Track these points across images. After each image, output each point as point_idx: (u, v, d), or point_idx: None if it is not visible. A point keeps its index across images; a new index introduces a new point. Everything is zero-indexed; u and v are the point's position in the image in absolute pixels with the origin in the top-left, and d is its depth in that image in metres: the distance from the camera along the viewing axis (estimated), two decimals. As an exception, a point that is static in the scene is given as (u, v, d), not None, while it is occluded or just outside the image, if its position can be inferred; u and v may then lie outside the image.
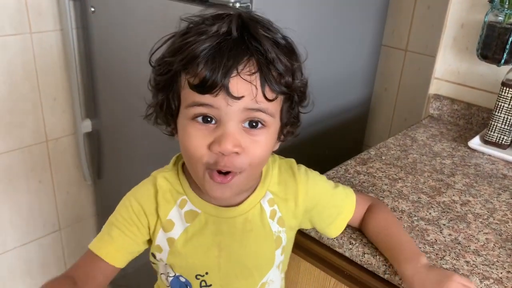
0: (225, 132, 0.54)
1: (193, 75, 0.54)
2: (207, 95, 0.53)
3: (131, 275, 1.61)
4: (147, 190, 0.66)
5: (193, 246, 0.65)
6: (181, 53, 0.55)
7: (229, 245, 0.66)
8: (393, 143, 1.09)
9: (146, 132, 1.29)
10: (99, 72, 1.41)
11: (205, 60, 0.53)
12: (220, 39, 0.54)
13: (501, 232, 0.79)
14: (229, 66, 0.52)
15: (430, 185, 0.92)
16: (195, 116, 0.56)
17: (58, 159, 1.54)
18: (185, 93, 0.56)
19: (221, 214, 0.65)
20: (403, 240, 0.69)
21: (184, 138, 0.57)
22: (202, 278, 0.66)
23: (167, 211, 0.64)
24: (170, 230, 0.64)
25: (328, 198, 0.72)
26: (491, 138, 1.08)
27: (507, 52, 1.04)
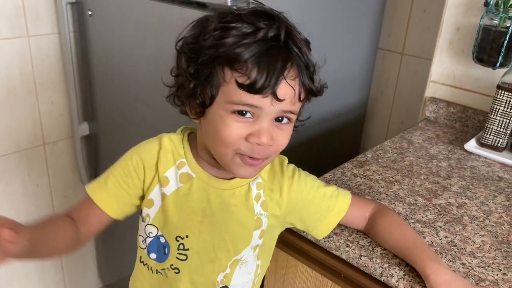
0: (263, 127, 0.60)
1: (243, 75, 0.57)
2: (256, 96, 0.57)
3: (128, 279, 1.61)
4: (151, 146, 0.70)
5: (181, 206, 0.69)
6: (228, 51, 0.57)
7: (213, 214, 0.69)
8: (390, 145, 1.10)
9: (144, 135, 1.29)
10: (96, 75, 1.41)
11: (257, 64, 0.56)
12: (269, 44, 0.57)
13: (497, 234, 0.79)
14: (279, 72, 0.57)
15: (426, 187, 0.92)
16: (237, 111, 0.59)
17: (56, 162, 1.54)
18: (230, 89, 0.58)
19: (212, 184, 0.69)
20: (421, 240, 0.72)
21: (220, 126, 0.60)
22: (181, 241, 0.70)
23: (166, 169, 0.68)
24: (165, 185, 0.68)
25: (315, 194, 0.73)
26: (487, 141, 1.08)
27: (502, 55, 1.04)
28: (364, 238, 0.76)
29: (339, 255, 0.76)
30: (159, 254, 0.73)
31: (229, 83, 0.58)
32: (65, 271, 1.71)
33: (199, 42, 0.60)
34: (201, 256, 0.72)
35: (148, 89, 1.22)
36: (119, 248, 1.61)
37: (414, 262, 0.68)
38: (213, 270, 0.73)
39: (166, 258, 0.72)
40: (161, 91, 1.17)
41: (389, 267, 0.70)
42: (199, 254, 0.71)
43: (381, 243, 0.74)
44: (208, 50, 0.58)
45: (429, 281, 0.65)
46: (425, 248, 0.69)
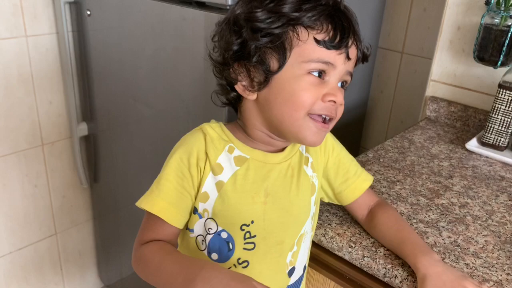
0: (336, 87, 0.62)
1: (321, 32, 0.59)
2: (334, 51, 0.59)
3: (128, 279, 1.60)
4: (196, 136, 0.67)
5: (242, 191, 0.65)
6: (297, 12, 0.58)
7: (275, 191, 0.67)
8: (391, 145, 1.09)
9: (143, 135, 1.29)
10: (95, 76, 1.40)
11: (332, 21, 0.59)
12: (333, 8, 0.60)
13: (500, 234, 0.79)
14: (350, 30, 0.60)
15: (428, 187, 0.92)
16: (313, 70, 0.60)
17: (54, 163, 1.53)
18: (307, 48, 0.59)
19: (268, 160, 0.67)
20: (415, 235, 0.72)
21: (295, 89, 0.60)
22: (247, 229, 0.66)
23: (217, 156, 0.65)
24: (219, 173, 0.65)
25: (345, 155, 0.77)
26: (488, 140, 1.08)
27: (503, 54, 1.04)
28: (367, 238, 0.76)
29: (342, 255, 0.75)
30: (221, 253, 0.67)
31: (306, 42, 0.59)
32: (64, 272, 1.70)
33: (255, 11, 0.60)
34: (269, 240, 0.68)
35: (147, 89, 1.21)
36: (118, 248, 1.60)
37: (407, 257, 0.69)
38: (282, 252, 0.70)
39: (231, 254, 0.67)
40: (160, 90, 1.17)
41: (393, 268, 0.69)
42: (266, 239, 0.67)
43: (377, 237, 0.75)
44: (272, 16, 0.59)
45: (418, 275, 0.65)
46: (418, 243, 0.70)
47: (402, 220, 0.75)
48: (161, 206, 0.64)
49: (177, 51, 1.07)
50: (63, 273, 1.70)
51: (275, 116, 0.63)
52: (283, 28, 0.59)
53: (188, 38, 1.03)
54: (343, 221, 0.80)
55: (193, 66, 1.04)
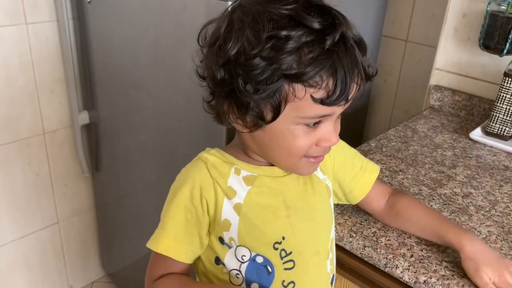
0: (332, 129, 0.58)
1: (319, 89, 0.52)
2: (334, 106, 0.54)
3: (130, 268, 1.61)
4: (196, 166, 0.63)
5: (261, 208, 0.63)
6: (298, 67, 0.51)
7: (295, 202, 0.65)
8: (394, 134, 1.08)
9: (144, 124, 1.28)
10: (96, 63, 1.39)
11: (334, 75, 0.52)
12: (339, 49, 0.52)
13: (503, 224, 0.78)
14: (352, 76, 0.53)
15: (431, 177, 0.91)
16: (309, 123, 0.56)
17: (56, 151, 1.53)
18: (303, 105, 0.54)
19: (277, 173, 0.65)
20: (446, 217, 0.73)
21: (288, 139, 0.58)
22: (280, 247, 0.63)
23: (225, 179, 0.62)
24: (233, 196, 0.62)
25: (348, 150, 0.75)
26: (493, 130, 1.07)
27: (509, 42, 1.02)
28: (368, 228, 0.75)
29: (343, 245, 0.75)
30: (261, 279, 0.63)
31: (302, 99, 0.53)
32: (67, 260, 1.71)
33: (253, 54, 0.52)
34: (305, 254, 0.65)
35: (148, 77, 1.20)
36: (121, 237, 1.61)
37: (446, 235, 0.68)
38: (321, 263, 0.67)
39: (272, 279, 0.64)
40: (161, 79, 1.16)
41: (394, 258, 0.69)
42: (302, 253, 0.65)
43: (403, 222, 0.74)
44: (269, 67, 0.52)
45: (464, 250, 0.66)
46: (453, 223, 0.71)
47: (424, 204, 0.76)
48: (167, 244, 0.62)
49: (178, 39, 1.06)
50: (66, 261, 1.71)
51: (270, 156, 0.62)
52: (279, 83, 0.53)
53: (188, 26, 1.02)
54: (344, 210, 0.79)
55: (194, 54, 1.03)
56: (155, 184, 1.33)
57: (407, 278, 0.67)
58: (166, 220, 0.62)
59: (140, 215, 1.45)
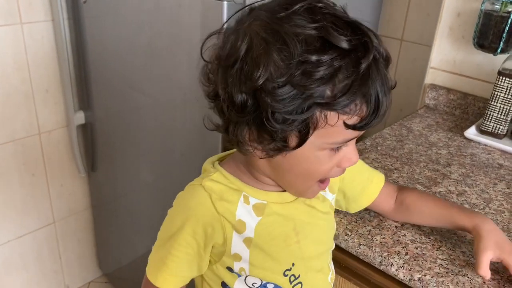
0: (352, 150, 0.56)
1: (353, 116, 0.50)
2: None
3: (127, 267, 1.61)
4: (199, 199, 0.59)
5: (272, 238, 0.61)
6: (332, 96, 0.48)
7: (304, 227, 0.64)
8: (389, 133, 1.09)
9: (140, 123, 1.28)
10: (91, 63, 1.39)
11: (367, 101, 0.49)
12: (372, 72, 0.49)
13: (497, 222, 0.79)
14: (385, 97, 0.51)
15: (426, 175, 0.91)
16: (334, 147, 0.54)
17: (52, 151, 1.52)
18: (334, 131, 0.51)
19: (286, 199, 0.62)
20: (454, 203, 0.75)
21: (312, 164, 0.55)
22: (290, 273, 0.63)
23: (233, 212, 0.59)
24: (243, 230, 0.59)
25: (360, 167, 0.73)
26: (487, 128, 1.07)
27: (503, 41, 1.03)
28: (363, 226, 0.75)
29: (338, 243, 0.75)
30: None
31: (333, 125, 0.50)
32: (63, 260, 1.71)
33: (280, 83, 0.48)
34: (311, 274, 0.66)
35: (144, 77, 1.20)
36: (117, 237, 1.61)
37: (459, 220, 0.69)
38: (324, 277, 0.69)
39: None
40: (157, 78, 1.16)
41: (389, 256, 0.69)
42: (308, 273, 0.65)
43: (415, 216, 0.74)
44: (300, 95, 0.48)
45: (478, 230, 0.66)
46: (463, 206, 0.73)
47: (431, 195, 0.78)
48: (168, 280, 0.61)
49: (173, 38, 1.06)
50: (62, 261, 1.70)
51: (286, 181, 0.59)
52: (310, 112, 0.49)
53: (184, 25, 1.02)
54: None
55: (190, 54, 1.03)
56: (152, 184, 1.33)
57: (402, 275, 0.67)
58: (168, 256, 0.60)
59: (137, 214, 1.45)
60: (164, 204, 1.31)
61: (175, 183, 1.22)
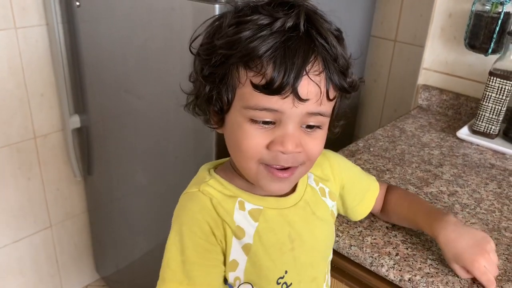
0: (286, 133, 0.53)
1: (258, 75, 0.50)
2: (275, 97, 0.50)
3: (124, 271, 1.61)
4: (199, 202, 0.58)
5: (269, 246, 0.60)
6: (242, 47, 0.50)
7: (299, 234, 0.62)
8: (382, 134, 1.09)
9: (135, 126, 1.28)
10: (86, 67, 1.39)
11: (274, 59, 0.49)
12: (287, 35, 0.50)
13: (487, 222, 0.79)
14: (299, 66, 0.50)
15: (418, 176, 0.92)
16: (255, 118, 0.53)
17: (47, 155, 1.53)
18: (246, 92, 0.52)
19: (282, 205, 0.62)
20: (426, 205, 0.72)
21: (238, 136, 0.54)
22: (282, 281, 0.61)
23: (232, 218, 0.58)
24: (243, 236, 0.58)
25: (355, 173, 0.74)
26: (479, 128, 1.08)
27: (494, 41, 1.03)
28: (354, 227, 0.76)
29: (330, 245, 0.75)
30: None
31: (244, 84, 0.51)
32: (60, 264, 1.71)
33: (213, 41, 0.53)
34: (304, 282, 0.64)
35: (138, 80, 1.20)
36: (114, 240, 1.61)
37: (424, 228, 0.69)
38: (318, 286, 0.67)
39: None
40: (151, 82, 1.16)
41: (379, 257, 0.70)
42: (301, 282, 0.64)
43: (393, 219, 0.75)
44: (222, 49, 0.52)
45: (438, 241, 0.66)
46: (431, 212, 0.69)
47: (411, 195, 0.76)
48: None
49: (166, 41, 1.07)
50: (59, 265, 1.71)
51: (233, 160, 0.59)
52: (224, 67, 0.52)
53: (176, 28, 1.02)
54: (331, 210, 0.80)
55: (183, 57, 1.03)
56: (147, 186, 1.33)
57: (392, 276, 0.68)
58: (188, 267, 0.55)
59: (133, 217, 1.45)
60: (159, 207, 1.32)
61: (170, 186, 1.23)
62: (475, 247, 0.63)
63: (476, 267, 0.62)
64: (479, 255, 0.62)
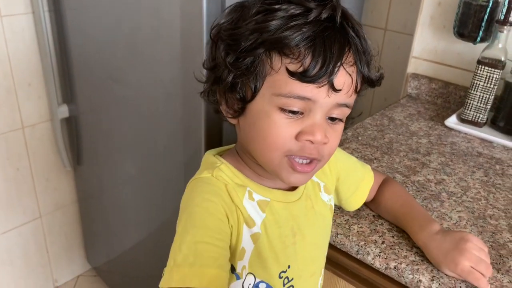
0: (315, 123, 0.52)
1: (296, 61, 0.50)
2: (310, 85, 0.50)
3: (116, 261, 1.61)
4: (215, 187, 0.57)
5: (274, 238, 0.60)
6: (275, 34, 0.49)
7: (301, 228, 0.63)
8: (370, 123, 1.09)
9: (124, 116, 1.27)
10: (74, 56, 1.38)
11: (313, 48, 0.49)
12: (324, 25, 0.50)
13: (473, 210, 0.79)
14: (337, 57, 0.50)
15: (405, 164, 0.92)
16: (285, 107, 0.52)
17: (36, 146, 1.51)
18: (279, 79, 0.51)
19: (289, 199, 0.62)
20: (417, 209, 0.72)
21: (264, 125, 0.53)
22: (285, 275, 0.62)
23: (243, 206, 0.57)
24: (253, 225, 0.58)
25: (350, 164, 0.74)
26: (467, 117, 1.08)
27: (482, 29, 1.03)
28: (341, 216, 0.76)
29: (316, 233, 0.76)
30: None
31: (278, 71, 0.51)
32: (51, 255, 1.70)
33: (239, 26, 0.52)
34: (303, 278, 0.65)
35: (126, 69, 1.19)
36: (105, 230, 1.61)
37: (409, 233, 0.70)
38: (315, 281, 0.68)
39: None
40: (138, 70, 1.15)
41: (365, 245, 0.70)
42: (301, 277, 0.64)
43: (382, 213, 0.75)
44: (251, 35, 0.50)
45: (424, 251, 0.67)
46: (417, 217, 0.70)
47: (406, 195, 0.75)
48: (212, 275, 0.50)
49: (154, 29, 1.05)
50: (50, 256, 1.70)
51: (252, 151, 0.57)
52: (254, 54, 0.51)
53: (164, 16, 1.01)
54: (318, 199, 0.80)
55: (170, 45, 1.02)
56: (136, 176, 1.32)
57: (378, 264, 0.68)
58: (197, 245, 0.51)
59: (123, 207, 1.45)
60: (149, 197, 1.32)
61: (160, 175, 1.22)
62: (455, 250, 0.63)
63: (460, 269, 0.62)
64: (460, 256, 0.62)
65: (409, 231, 0.70)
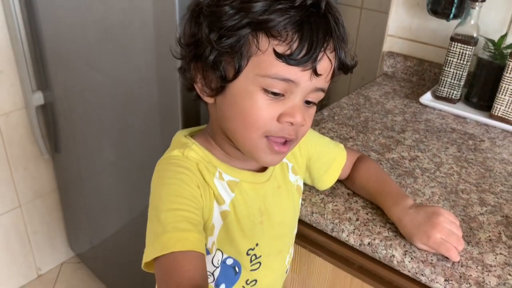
0: (296, 105, 0.54)
1: (284, 44, 0.50)
2: (295, 68, 0.51)
3: (99, 247, 1.61)
4: (187, 165, 0.57)
5: (242, 217, 0.61)
6: (264, 14, 0.50)
7: (268, 208, 0.65)
8: (346, 102, 1.10)
9: (100, 102, 1.26)
10: (46, 41, 1.35)
11: (301, 32, 0.50)
12: (309, 11, 0.51)
13: (446, 185, 0.81)
14: (321, 42, 0.51)
15: (380, 142, 0.93)
16: (269, 88, 0.52)
17: (11, 134, 1.49)
18: (265, 60, 0.51)
19: (258, 180, 0.63)
20: (391, 185, 0.73)
21: (246, 105, 0.54)
22: (252, 253, 0.64)
23: (214, 184, 0.59)
24: (223, 203, 0.60)
25: (322, 144, 0.75)
26: (442, 93, 1.09)
27: (455, 6, 1.04)
28: (316, 195, 0.77)
29: (293, 213, 0.76)
30: (228, 279, 0.64)
31: (264, 52, 0.51)
32: (33, 244, 1.69)
33: (223, 4, 0.51)
34: (271, 256, 0.67)
35: (99, 54, 1.17)
36: (86, 217, 1.60)
37: (383, 209, 0.72)
38: (283, 258, 0.71)
39: (238, 278, 0.64)
40: (112, 55, 1.13)
41: (340, 223, 0.71)
42: (269, 255, 0.67)
43: (357, 190, 0.77)
44: (237, 14, 0.50)
45: (397, 226, 0.68)
46: (391, 193, 0.71)
47: (381, 172, 0.76)
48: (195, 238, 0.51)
49: (126, 12, 1.03)
50: (32, 244, 1.69)
51: (229, 130, 0.58)
52: (239, 33, 0.51)
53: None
54: (294, 179, 0.81)
55: (143, 28, 1.00)
56: (115, 162, 1.31)
57: (352, 241, 0.70)
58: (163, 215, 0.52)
59: (103, 193, 1.44)
60: (128, 182, 1.31)
61: (138, 161, 1.21)
62: (427, 224, 0.64)
63: (432, 241, 0.63)
64: (432, 229, 0.64)
65: (383, 206, 0.72)
